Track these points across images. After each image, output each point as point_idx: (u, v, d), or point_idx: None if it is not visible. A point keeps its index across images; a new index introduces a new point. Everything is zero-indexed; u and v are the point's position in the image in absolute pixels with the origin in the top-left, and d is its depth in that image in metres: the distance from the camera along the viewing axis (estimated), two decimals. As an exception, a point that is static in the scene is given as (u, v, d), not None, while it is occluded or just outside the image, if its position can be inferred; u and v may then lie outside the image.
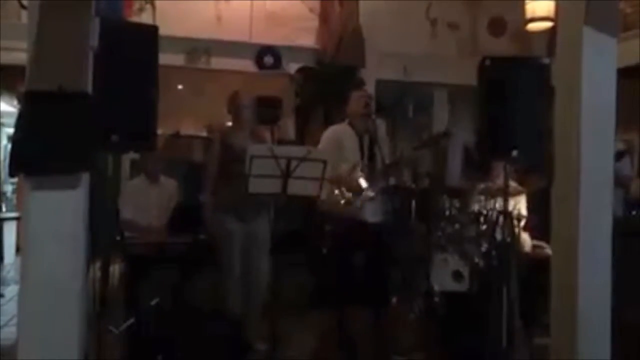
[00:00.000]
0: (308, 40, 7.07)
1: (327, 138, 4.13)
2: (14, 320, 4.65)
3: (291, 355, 3.72)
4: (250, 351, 3.75)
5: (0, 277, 6.66)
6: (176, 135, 7.38)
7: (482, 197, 5.02)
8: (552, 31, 5.86)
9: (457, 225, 4.86)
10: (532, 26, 6.45)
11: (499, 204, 4.65)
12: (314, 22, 7.07)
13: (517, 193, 5.04)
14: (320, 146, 4.11)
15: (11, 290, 5.83)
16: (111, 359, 3.22)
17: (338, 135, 4.10)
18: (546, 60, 3.25)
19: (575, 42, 3.47)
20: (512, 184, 4.78)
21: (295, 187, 3.27)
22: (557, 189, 3.60)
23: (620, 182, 4.33)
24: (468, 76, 3.67)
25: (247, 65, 6.97)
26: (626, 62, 4.55)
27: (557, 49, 3.68)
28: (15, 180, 7.83)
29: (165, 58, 3.08)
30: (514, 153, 3.14)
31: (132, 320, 3.96)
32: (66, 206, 2.75)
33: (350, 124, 4.10)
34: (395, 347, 3.93)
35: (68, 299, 2.75)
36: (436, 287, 4.45)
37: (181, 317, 3.65)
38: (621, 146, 4.96)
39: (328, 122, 5.99)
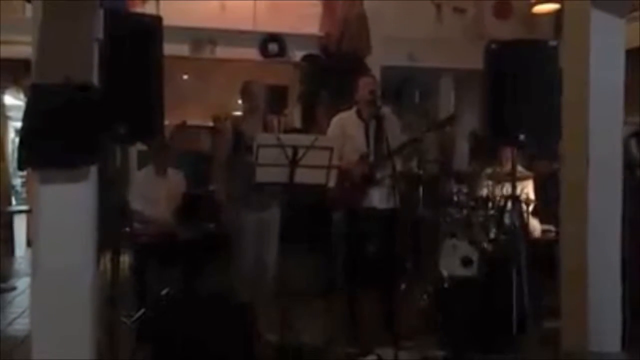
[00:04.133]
0: (312, 27, 7.02)
1: (333, 126, 4.19)
2: (27, 313, 4.70)
3: (301, 342, 3.74)
4: (261, 341, 3.77)
5: (12, 270, 6.71)
6: (182, 126, 7.38)
7: (490, 182, 5.01)
8: (558, 13, 5.80)
9: (465, 211, 4.85)
10: (539, 8, 6.40)
11: (506, 188, 4.64)
12: (318, 9, 7.02)
13: (525, 177, 5.02)
14: (328, 133, 4.16)
15: (23, 283, 5.88)
16: (123, 350, 3.25)
17: (343, 123, 4.15)
18: (553, 43, 3.21)
19: (583, 24, 3.43)
20: (520, 168, 4.76)
21: (303, 176, 3.27)
22: (567, 172, 3.59)
23: None
24: (474, 60, 3.64)
25: (251, 53, 6.94)
26: (634, 42, 4.50)
27: (564, 30, 3.65)
28: (24, 173, 7.88)
29: (170, 48, 3.07)
30: (522, 137, 3.12)
31: (143, 311, 4.00)
32: (76, 198, 2.77)
33: (358, 111, 4.12)
34: (404, 332, 3.94)
35: (79, 291, 2.78)
36: (445, 273, 4.46)
37: (191, 307, 3.67)
38: None
39: (334, 109, 5.97)
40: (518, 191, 4.01)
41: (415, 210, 5.07)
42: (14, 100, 8.02)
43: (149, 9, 6.02)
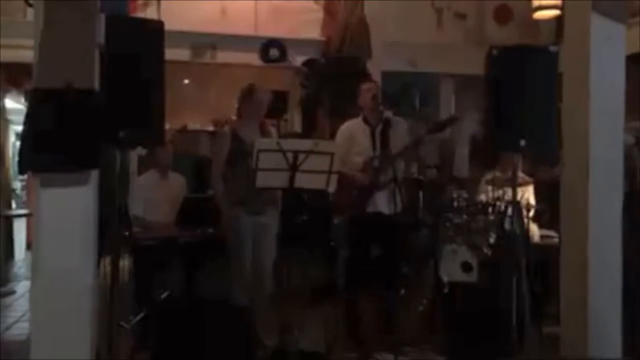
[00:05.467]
0: (313, 32, 7.03)
1: (340, 134, 4.24)
2: (26, 316, 4.69)
3: (300, 348, 3.73)
4: (259, 346, 3.76)
5: (12, 274, 6.71)
6: (183, 130, 7.39)
7: (490, 188, 5.01)
8: (559, 18, 5.81)
9: (465, 216, 4.84)
10: (539, 14, 6.40)
11: (507, 194, 4.64)
12: (318, 14, 7.03)
13: (526, 183, 5.02)
14: (336, 140, 4.19)
15: (23, 287, 5.88)
16: (122, 354, 3.24)
17: (350, 130, 4.20)
18: (554, 48, 3.22)
19: (583, 29, 3.44)
20: (521, 174, 4.76)
21: (303, 181, 3.27)
22: (567, 177, 3.59)
23: None
24: (475, 66, 3.65)
25: (252, 58, 6.94)
26: (635, 48, 4.50)
27: (565, 36, 3.65)
28: (24, 177, 7.89)
29: (171, 53, 3.08)
30: (522, 143, 3.12)
31: (142, 315, 3.99)
32: (76, 202, 2.77)
33: (364, 117, 4.16)
34: (404, 338, 3.94)
35: (79, 295, 2.78)
36: (445, 279, 4.45)
37: (191, 311, 3.67)
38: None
39: (334, 114, 5.97)
40: (519, 197, 4.01)
41: (415, 216, 5.07)
42: (15, 104, 8.03)
43: (150, 13, 6.03)
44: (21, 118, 2.75)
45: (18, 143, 2.90)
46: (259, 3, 6.86)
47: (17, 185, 9.59)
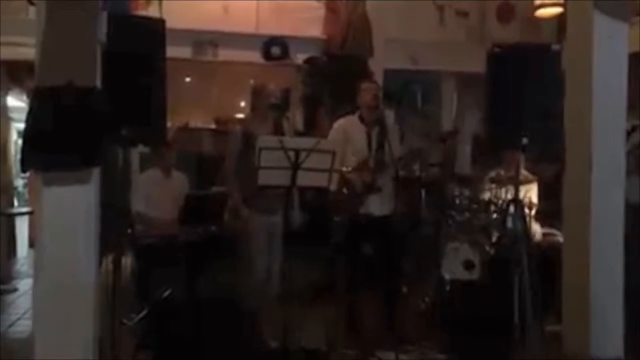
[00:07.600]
0: (315, 30, 7.02)
1: (335, 130, 4.21)
2: (29, 314, 4.71)
3: (302, 345, 3.74)
4: (262, 345, 3.76)
5: (14, 271, 6.72)
6: (185, 128, 7.38)
7: (493, 186, 5.00)
8: (561, 16, 5.80)
9: (467, 214, 4.84)
10: (542, 12, 6.39)
11: (509, 192, 4.63)
12: (320, 12, 7.02)
13: (529, 181, 5.01)
14: (329, 137, 4.16)
15: (25, 284, 5.89)
16: (125, 351, 3.25)
17: (345, 127, 4.16)
18: (556, 46, 3.22)
19: (586, 27, 3.44)
20: (523, 172, 4.75)
21: (304, 179, 3.27)
22: (569, 174, 3.58)
23: None
24: (477, 64, 3.64)
25: (254, 56, 6.94)
26: (636, 47, 4.50)
27: (567, 34, 3.65)
28: (26, 174, 7.90)
29: (172, 51, 3.08)
30: (524, 141, 3.12)
31: (145, 313, 4.00)
32: (78, 200, 2.78)
33: (360, 116, 4.14)
34: (405, 336, 3.94)
35: (81, 292, 2.78)
36: (447, 277, 4.45)
37: (193, 309, 3.67)
38: None
39: (336, 112, 5.96)
40: (521, 195, 4.00)
41: (417, 214, 5.07)
42: (17, 102, 8.03)
43: (152, 11, 6.03)
44: (23, 116, 2.75)
45: (20, 141, 2.91)
46: (261, 1, 6.86)
47: (20, 183, 9.61)
